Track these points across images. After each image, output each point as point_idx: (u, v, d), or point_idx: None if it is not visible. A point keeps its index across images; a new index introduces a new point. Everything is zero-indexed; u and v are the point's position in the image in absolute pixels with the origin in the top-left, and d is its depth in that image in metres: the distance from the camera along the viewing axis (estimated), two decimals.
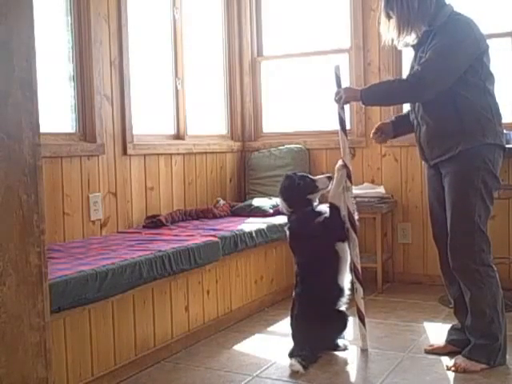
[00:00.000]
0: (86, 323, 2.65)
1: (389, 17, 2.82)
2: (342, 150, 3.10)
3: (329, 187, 3.14)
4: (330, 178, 3.16)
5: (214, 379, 2.81)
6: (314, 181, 3.18)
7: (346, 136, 3.09)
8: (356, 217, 3.13)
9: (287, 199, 3.17)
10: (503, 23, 4.19)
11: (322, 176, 3.24)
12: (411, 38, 2.81)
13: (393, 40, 2.85)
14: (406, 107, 3.09)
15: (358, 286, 3.10)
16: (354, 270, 3.09)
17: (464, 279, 2.79)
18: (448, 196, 2.80)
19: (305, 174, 3.27)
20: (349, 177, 3.07)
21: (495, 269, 2.79)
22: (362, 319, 3.10)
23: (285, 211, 3.20)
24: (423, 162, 3.02)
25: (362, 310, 3.10)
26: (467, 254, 2.75)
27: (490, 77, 2.77)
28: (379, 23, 2.88)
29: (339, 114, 3.06)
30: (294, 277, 3.13)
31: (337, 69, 3.05)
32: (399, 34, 2.79)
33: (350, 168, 3.08)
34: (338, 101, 3.01)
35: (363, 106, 3.21)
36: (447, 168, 2.79)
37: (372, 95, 2.90)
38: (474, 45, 2.71)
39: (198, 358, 3.09)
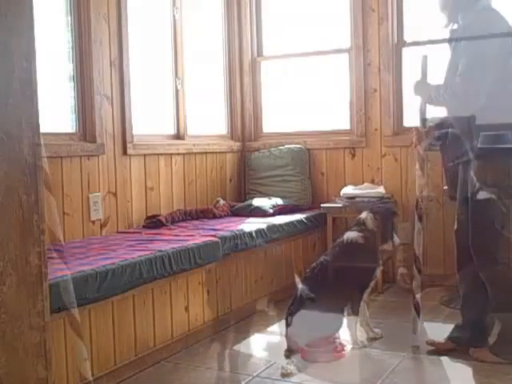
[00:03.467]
0: (86, 323, 2.65)
1: None
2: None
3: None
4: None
5: (214, 379, 2.81)
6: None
7: (425, 127, 3.02)
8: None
9: None
10: None
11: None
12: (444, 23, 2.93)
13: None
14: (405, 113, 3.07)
15: (416, 273, 3.02)
16: (414, 258, 3.03)
17: (485, 276, 2.80)
18: (472, 189, 2.79)
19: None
20: (422, 168, 3.03)
21: None
22: (417, 310, 3.03)
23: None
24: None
25: (419, 300, 3.04)
26: (490, 250, 2.77)
27: None
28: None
29: (420, 106, 3.03)
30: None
31: (424, 59, 2.99)
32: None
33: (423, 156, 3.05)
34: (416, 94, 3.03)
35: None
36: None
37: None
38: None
39: (198, 357, 3.09)
